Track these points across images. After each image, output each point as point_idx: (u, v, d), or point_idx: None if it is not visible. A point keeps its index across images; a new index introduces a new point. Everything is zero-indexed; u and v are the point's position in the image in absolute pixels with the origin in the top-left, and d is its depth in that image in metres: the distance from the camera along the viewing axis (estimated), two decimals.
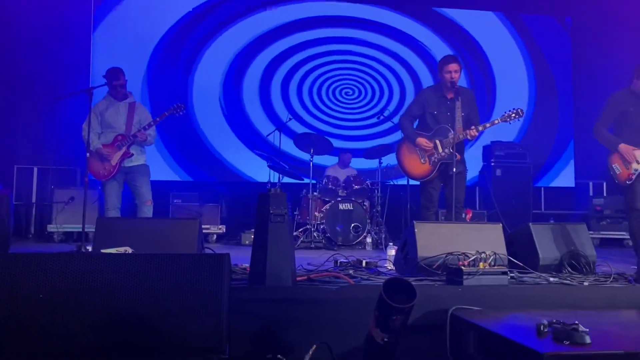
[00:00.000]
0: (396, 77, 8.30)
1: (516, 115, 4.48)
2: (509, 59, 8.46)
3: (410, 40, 8.31)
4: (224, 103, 7.89)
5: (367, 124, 8.16)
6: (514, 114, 4.48)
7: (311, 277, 3.10)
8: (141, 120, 4.81)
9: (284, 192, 2.97)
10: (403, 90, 8.27)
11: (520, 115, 4.49)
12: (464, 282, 2.96)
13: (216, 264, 1.93)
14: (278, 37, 8.05)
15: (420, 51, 8.31)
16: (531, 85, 8.49)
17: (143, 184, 4.74)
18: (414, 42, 8.32)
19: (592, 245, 3.66)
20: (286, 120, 7.00)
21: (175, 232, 3.36)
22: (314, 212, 6.39)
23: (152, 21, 7.71)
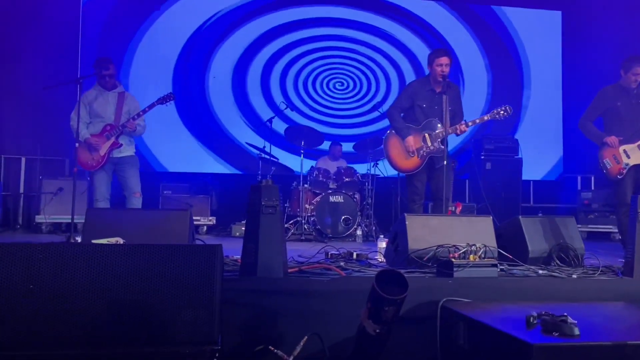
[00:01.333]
0: (382, 70, 8.31)
1: (504, 112, 4.55)
2: (498, 53, 8.48)
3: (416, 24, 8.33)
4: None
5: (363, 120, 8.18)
6: (503, 110, 4.55)
7: (302, 268, 3.11)
8: (130, 110, 4.77)
9: (276, 184, 2.96)
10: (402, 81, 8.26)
11: (509, 113, 4.56)
12: (454, 274, 2.98)
13: (208, 254, 1.93)
14: (277, 36, 8.08)
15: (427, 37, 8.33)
16: (525, 79, 8.53)
17: (132, 175, 4.71)
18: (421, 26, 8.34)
19: (580, 238, 3.70)
20: (283, 108, 6.98)
21: (166, 223, 3.34)
22: (304, 204, 6.38)
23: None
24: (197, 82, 7.85)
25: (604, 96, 4.70)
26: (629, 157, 4.53)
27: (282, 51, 8.11)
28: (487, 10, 8.49)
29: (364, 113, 8.14)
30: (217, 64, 7.92)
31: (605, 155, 4.60)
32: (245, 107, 7.96)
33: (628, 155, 4.53)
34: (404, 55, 8.32)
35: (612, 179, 4.60)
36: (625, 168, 4.50)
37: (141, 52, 7.65)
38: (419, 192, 4.69)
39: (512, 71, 8.50)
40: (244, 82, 7.99)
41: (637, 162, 4.51)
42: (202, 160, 7.72)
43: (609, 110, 4.67)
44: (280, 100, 7.80)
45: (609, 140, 4.57)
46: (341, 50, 8.26)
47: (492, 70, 8.42)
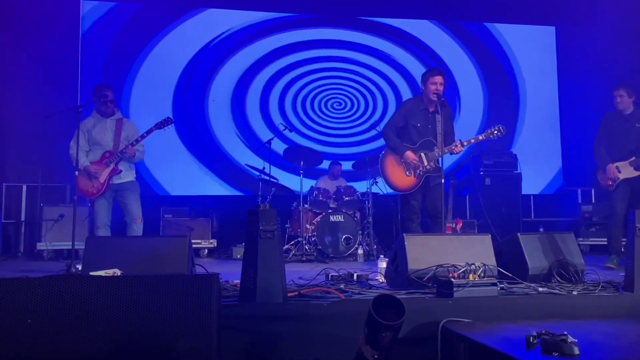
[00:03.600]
0: (380, 90, 8.38)
1: (498, 132, 4.64)
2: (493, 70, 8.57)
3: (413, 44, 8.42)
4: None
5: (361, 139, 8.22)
6: (496, 130, 4.64)
7: (302, 292, 3.10)
8: (129, 136, 4.80)
9: (274, 208, 2.98)
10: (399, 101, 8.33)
11: (502, 132, 4.67)
12: (454, 294, 2.98)
13: (205, 284, 1.93)
14: (275, 59, 8.16)
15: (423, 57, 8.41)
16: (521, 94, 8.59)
17: (132, 201, 4.73)
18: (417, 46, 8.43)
19: (580, 254, 3.69)
20: (282, 130, 7.03)
21: (165, 249, 3.35)
22: (305, 224, 6.39)
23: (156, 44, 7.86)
24: (197, 105, 7.89)
25: (603, 122, 5.36)
26: (619, 172, 5.12)
27: (280, 73, 8.17)
28: (480, 27, 8.58)
29: (362, 132, 8.18)
30: (217, 87, 7.97)
31: (599, 171, 5.30)
32: (245, 128, 7.99)
33: (619, 171, 5.12)
34: (401, 75, 8.39)
35: (605, 190, 5.24)
36: (616, 180, 5.08)
37: (141, 78, 7.72)
38: (415, 211, 4.71)
39: (507, 87, 8.54)
40: (243, 104, 8.04)
41: (627, 176, 5.08)
42: (203, 183, 7.75)
43: (609, 134, 5.27)
44: (279, 121, 7.85)
45: (608, 168, 5.18)
46: (338, 71, 8.32)
47: (488, 87, 8.48)
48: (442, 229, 4.67)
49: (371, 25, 8.38)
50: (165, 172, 7.62)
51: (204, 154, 7.84)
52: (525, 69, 8.58)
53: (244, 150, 7.87)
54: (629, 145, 5.11)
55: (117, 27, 7.69)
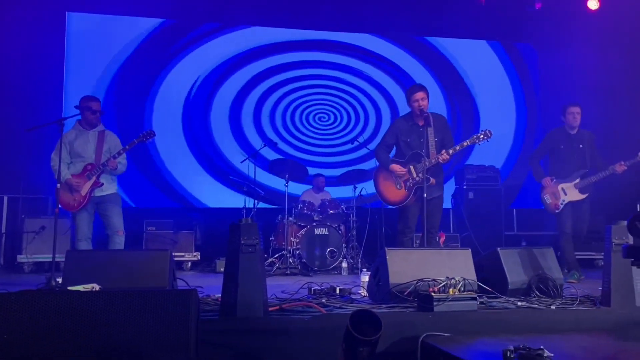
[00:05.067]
0: (372, 102, 8.49)
1: (484, 136, 4.54)
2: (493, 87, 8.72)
3: (388, 65, 8.53)
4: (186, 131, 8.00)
5: (342, 150, 8.29)
6: (483, 135, 4.54)
7: (283, 306, 3.10)
8: (111, 148, 4.78)
9: (255, 222, 2.99)
10: (379, 117, 8.44)
11: (489, 136, 4.53)
12: (434, 308, 3.00)
13: (183, 300, 1.93)
14: (247, 62, 8.21)
15: (397, 76, 8.51)
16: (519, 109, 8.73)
17: (114, 213, 4.70)
18: (391, 66, 8.53)
19: (559, 268, 3.74)
20: (273, 143, 7.07)
21: (146, 263, 3.33)
22: (289, 237, 6.39)
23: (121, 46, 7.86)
24: (201, 120, 8.06)
25: (551, 138, 5.49)
26: (565, 194, 5.28)
27: (271, 90, 8.30)
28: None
29: (345, 143, 8.25)
30: (217, 104, 8.12)
31: (545, 192, 5.37)
32: (242, 140, 8.11)
33: (565, 193, 5.29)
34: (379, 93, 8.56)
35: (551, 212, 5.37)
36: (562, 204, 5.26)
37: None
38: (409, 225, 4.73)
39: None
40: (239, 119, 8.15)
41: (572, 199, 5.26)
42: (187, 195, 7.74)
43: (553, 151, 5.43)
44: (270, 133, 7.99)
45: (543, 181, 5.38)
46: (324, 88, 8.46)
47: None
48: (436, 243, 4.72)
49: (353, 49, 8.54)
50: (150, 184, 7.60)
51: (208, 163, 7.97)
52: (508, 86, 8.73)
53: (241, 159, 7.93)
54: (574, 165, 5.29)
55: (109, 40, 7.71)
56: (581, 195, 5.27)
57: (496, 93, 8.76)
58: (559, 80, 8.36)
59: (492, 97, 8.74)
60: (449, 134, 4.81)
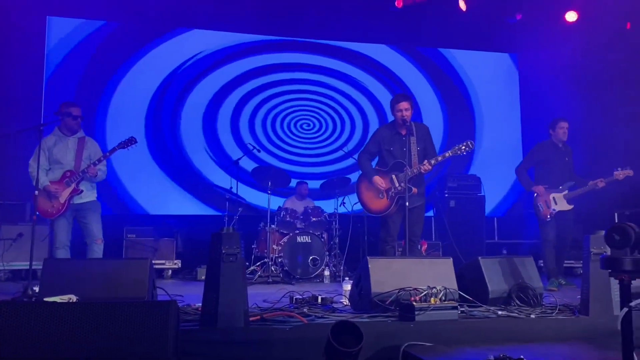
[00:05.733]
0: (348, 114, 8.50)
1: (466, 147, 4.58)
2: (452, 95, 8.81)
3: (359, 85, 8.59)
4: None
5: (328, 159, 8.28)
6: (464, 146, 4.58)
7: (264, 316, 3.08)
8: (91, 155, 4.71)
9: (238, 231, 2.96)
10: (366, 124, 8.46)
11: (470, 148, 4.59)
12: (415, 317, 3.01)
13: (162, 311, 1.90)
14: (246, 80, 8.24)
15: (367, 94, 8.60)
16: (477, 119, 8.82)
17: (93, 221, 4.63)
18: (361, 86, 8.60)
19: (539, 277, 3.78)
20: (256, 150, 7.03)
21: (125, 272, 3.28)
22: (272, 245, 6.36)
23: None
24: (169, 125, 7.90)
25: (538, 150, 5.75)
26: (556, 204, 5.54)
27: (252, 94, 8.24)
28: (438, 53, 8.84)
29: (330, 152, 8.25)
30: (189, 107, 8.00)
31: (539, 200, 5.60)
32: (215, 147, 7.99)
33: (556, 202, 5.54)
34: (368, 100, 8.56)
35: (541, 219, 5.58)
36: (553, 212, 5.50)
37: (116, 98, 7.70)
38: (391, 234, 4.74)
39: (465, 112, 8.80)
40: (214, 124, 8.05)
41: (562, 209, 5.52)
42: (171, 201, 7.67)
43: (541, 163, 5.67)
44: (249, 140, 7.86)
45: (537, 189, 5.58)
46: (308, 93, 8.43)
47: (448, 111, 8.72)
48: (418, 252, 4.73)
49: (340, 52, 8.55)
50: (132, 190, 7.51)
51: (176, 172, 7.81)
52: (483, 95, 8.85)
53: (214, 168, 7.84)
54: (562, 177, 5.56)
55: (87, 45, 7.64)
56: (568, 206, 5.54)
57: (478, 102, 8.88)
58: (539, 90, 8.49)
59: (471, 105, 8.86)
60: (431, 143, 4.85)
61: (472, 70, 8.89)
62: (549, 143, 5.73)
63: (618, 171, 5.40)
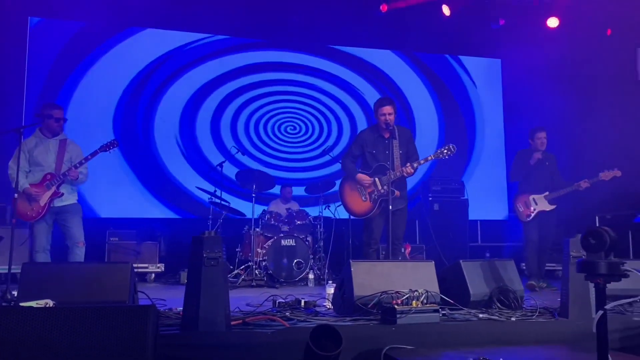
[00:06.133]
0: (335, 116, 8.47)
1: (448, 151, 4.65)
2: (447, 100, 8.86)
3: (347, 84, 8.56)
4: (181, 140, 7.88)
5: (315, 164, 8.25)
6: (447, 149, 4.65)
7: (246, 320, 3.07)
8: (72, 157, 4.65)
9: (219, 235, 2.95)
10: (340, 128, 8.44)
11: (452, 151, 4.65)
12: (397, 321, 3.02)
13: (140, 316, 1.89)
14: (228, 80, 8.11)
15: (355, 94, 8.57)
16: (469, 123, 8.89)
17: (74, 224, 4.57)
18: (349, 86, 8.57)
19: (520, 280, 3.82)
20: (234, 153, 6.98)
21: (106, 276, 3.25)
22: (256, 248, 6.33)
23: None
24: (141, 126, 7.71)
25: (520, 157, 5.99)
26: (536, 204, 5.75)
27: (233, 95, 8.13)
28: (435, 57, 8.89)
29: (316, 157, 8.21)
30: (164, 108, 7.82)
31: (518, 201, 5.86)
32: (193, 151, 7.87)
33: (536, 202, 5.75)
34: (357, 102, 8.52)
35: (522, 220, 5.80)
36: (534, 211, 5.70)
37: (81, 99, 7.47)
38: (374, 237, 4.76)
39: (459, 117, 8.86)
40: (192, 126, 7.94)
41: (542, 209, 5.71)
42: (150, 205, 7.59)
43: (523, 171, 5.91)
44: (231, 144, 7.77)
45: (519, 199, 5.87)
46: (293, 95, 8.36)
47: (445, 115, 8.77)
48: (402, 255, 4.76)
49: (328, 51, 8.48)
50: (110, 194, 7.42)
51: (150, 178, 7.64)
52: (476, 100, 8.92)
53: (192, 174, 7.73)
54: (542, 181, 5.78)
55: (60, 45, 7.48)
56: (550, 206, 5.71)
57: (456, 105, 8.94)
58: (522, 94, 8.58)
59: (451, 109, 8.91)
60: (414, 147, 4.89)
61: (457, 74, 8.95)
62: (527, 150, 5.94)
63: (605, 172, 5.51)
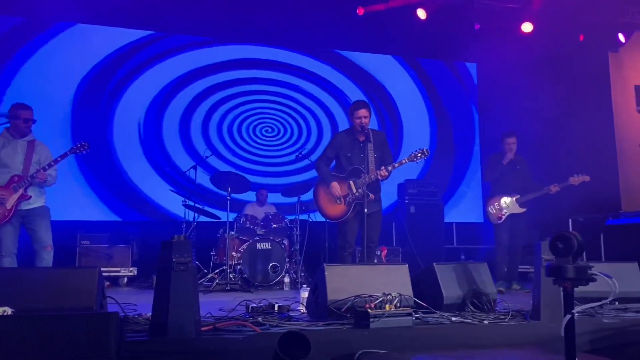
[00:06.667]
0: (314, 117, 8.45)
1: (422, 154, 4.68)
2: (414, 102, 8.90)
3: (327, 83, 8.52)
4: (144, 140, 7.67)
5: (286, 161, 8.20)
6: (420, 153, 4.68)
7: (217, 326, 3.01)
8: (41, 159, 4.53)
9: (189, 240, 2.89)
10: (320, 130, 8.42)
11: (426, 155, 4.69)
12: (370, 325, 3.00)
13: (102, 324, 1.83)
14: (198, 78, 7.94)
15: (336, 94, 8.54)
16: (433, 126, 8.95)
17: (42, 227, 4.45)
18: (330, 85, 8.53)
19: (492, 283, 3.83)
20: (206, 156, 6.88)
21: (73, 281, 3.15)
22: (231, 252, 6.26)
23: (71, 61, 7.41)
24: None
25: (492, 161, 6.12)
26: (507, 207, 5.82)
27: (202, 96, 7.94)
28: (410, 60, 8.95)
29: (294, 161, 8.06)
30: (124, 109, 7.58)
31: (489, 204, 5.94)
32: (160, 155, 7.70)
33: (507, 206, 5.83)
34: (336, 101, 8.48)
35: (493, 223, 5.88)
36: (504, 214, 5.78)
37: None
38: (349, 240, 4.75)
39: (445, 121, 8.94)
40: (159, 129, 7.75)
41: (513, 212, 5.80)
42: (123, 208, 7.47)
43: (497, 172, 5.99)
44: (203, 147, 7.59)
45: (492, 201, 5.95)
46: (270, 95, 8.24)
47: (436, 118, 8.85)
48: (377, 258, 4.75)
49: (307, 47, 8.38)
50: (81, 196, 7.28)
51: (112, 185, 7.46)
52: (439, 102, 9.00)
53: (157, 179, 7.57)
54: (514, 184, 5.85)
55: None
56: (520, 210, 5.80)
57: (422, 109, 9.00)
58: (496, 98, 8.69)
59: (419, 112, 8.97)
60: (388, 150, 4.90)
61: (431, 78, 9.01)
62: (498, 154, 6.04)
63: (574, 177, 5.61)
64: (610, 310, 3.65)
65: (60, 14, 7.20)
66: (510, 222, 5.80)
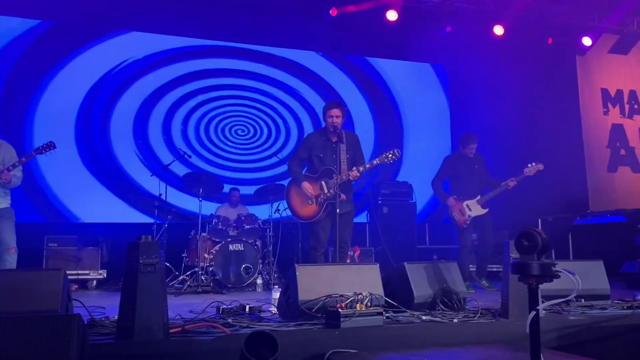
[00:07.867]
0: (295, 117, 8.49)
1: (393, 155, 4.70)
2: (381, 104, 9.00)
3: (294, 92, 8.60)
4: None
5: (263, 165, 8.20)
6: (391, 154, 4.70)
7: (186, 328, 2.97)
8: (5, 160, 4.41)
9: (156, 240, 2.85)
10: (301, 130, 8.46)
11: (397, 156, 4.71)
12: (341, 324, 2.99)
13: (63, 326, 1.78)
14: (179, 85, 8.08)
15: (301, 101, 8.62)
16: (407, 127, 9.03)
17: (6, 229, 4.32)
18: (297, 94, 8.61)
19: (462, 282, 3.87)
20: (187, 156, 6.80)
21: (37, 284, 3.07)
22: (203, 253, 6.19)
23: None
24: (99, 129, 7.63)
25: (449, 163, 6.01)
26: (470, 210, 5.77)
27: (184, 99, 8.07)
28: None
29: (264, 158, 8.18)
30: (120, 111, 7.76)
31: (453, 210, 5.84)
32: (147, 152, 7.77)
33: (470, 209, 5.78)
34: (301, 105, 8.60)
35: (459, 228, 5.84)
36: (469, 219, 5.74)
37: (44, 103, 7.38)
38: (321, 240, 4.75)
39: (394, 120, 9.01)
40: (145, 129, 7.82)
41: (477, 214, 5.77)
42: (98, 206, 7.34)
43: (454, 174, 5.94)
44: (180, 146, 7.69)
45: (449, 201, 5.85)
46: (243, 99, 8.34)
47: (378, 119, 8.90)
48: (344, 259, 4.75)
49: (274, 59, 8.54)
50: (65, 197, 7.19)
51: (108, 178, 7.56)
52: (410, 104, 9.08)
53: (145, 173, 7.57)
54: (473, 185, 5.83)
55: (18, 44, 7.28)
56: (483, 210, 5.79)
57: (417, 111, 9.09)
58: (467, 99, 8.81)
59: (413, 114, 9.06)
60: (360, 151, 4.92)
61: (402, 80, 9.11)
62: (457, 155, 6.04)
63: (528, 167, 5.62)
64: (576, 307, 3.72)
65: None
66: (475, 224, 5.81)
